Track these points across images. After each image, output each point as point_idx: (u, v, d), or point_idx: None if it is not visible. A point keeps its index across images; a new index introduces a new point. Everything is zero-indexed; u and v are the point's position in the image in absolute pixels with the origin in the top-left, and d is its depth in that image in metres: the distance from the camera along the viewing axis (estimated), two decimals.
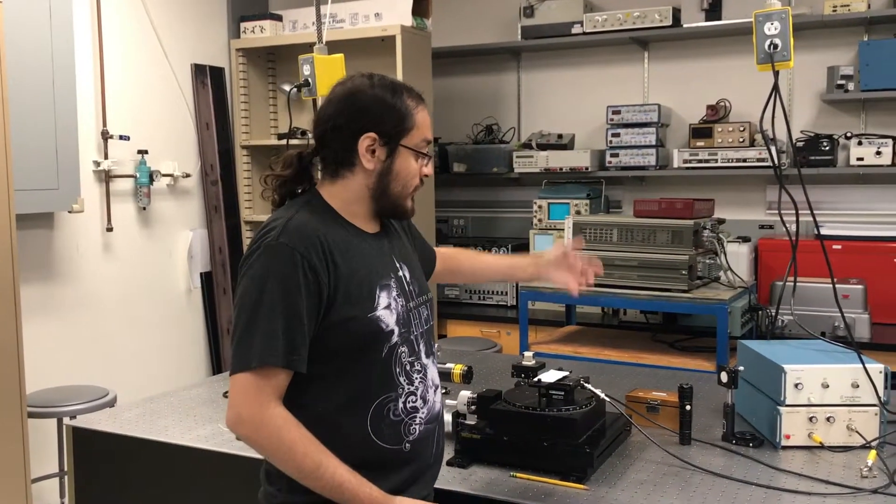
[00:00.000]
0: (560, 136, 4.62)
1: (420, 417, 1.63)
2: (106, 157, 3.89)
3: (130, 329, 4.06)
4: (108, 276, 3.95)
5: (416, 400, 1.63)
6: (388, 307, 1.60)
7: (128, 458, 2.24)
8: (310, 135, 1.91)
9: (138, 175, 4.01)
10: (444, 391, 2.12)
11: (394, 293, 1.62)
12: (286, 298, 1.49)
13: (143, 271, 4.14)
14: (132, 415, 2.38)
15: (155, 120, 4.18)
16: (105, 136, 3.88)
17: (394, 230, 1.79)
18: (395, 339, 1.59)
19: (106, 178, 3.90)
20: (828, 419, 2.03)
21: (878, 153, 3.88)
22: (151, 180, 4.04)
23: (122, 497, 2.25)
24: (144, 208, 4.10)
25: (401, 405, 1.61)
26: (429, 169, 1.70)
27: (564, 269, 2.06)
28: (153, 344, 4.18)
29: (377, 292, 1.59)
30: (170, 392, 2.64)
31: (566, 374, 2.07)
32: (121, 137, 3.92)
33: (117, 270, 3.99)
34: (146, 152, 4.03)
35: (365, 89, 1.63)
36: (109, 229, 3.92)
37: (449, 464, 1.94)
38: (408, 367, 1.62)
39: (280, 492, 1.60)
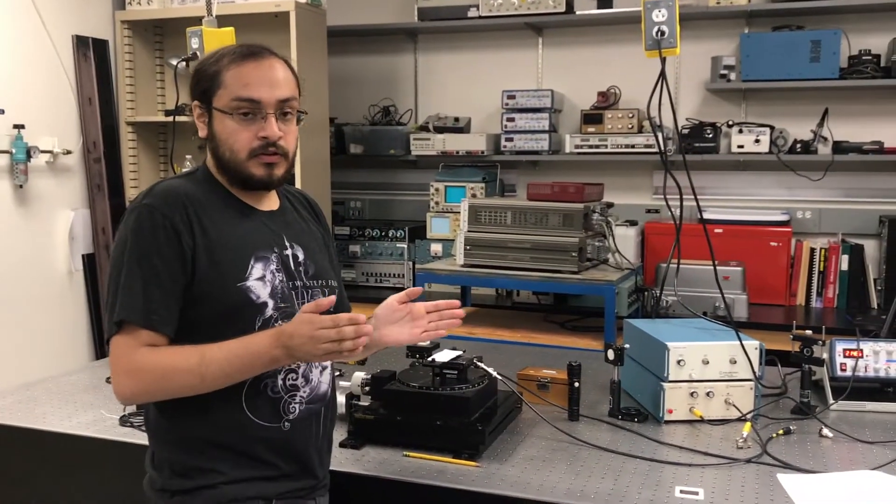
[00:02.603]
0: (457, 120, 4.64)
1: (301, 396, 1.61)
2: None
3: (5, 313, 3.85)
4: None
5: (297, 378, 1.61)
6: (261, 278, 1.57)
7: (3, 448, 2.13)
8: None
9: (14, 151, 3.79)
10: (338, 373, 2.11)
11: (272, 266, 1.59)
12: (145, 259, 1.49)
13: (20, 253, 3.92)
14: (7, 402, 2.26)
15: (33, 93, 3.96)
16: None
17: (298, 217, 1.75)
18: (269, 311, 1.56)
19: None
20: (707, 394, 2.13)
21: (757, 141, 4.07)
22: (29, 157, 3.83)
23: None
24: (21, 186, 3.88)
25: (280, 382, 1.58)
26: (269, 130, 1.56)
27: (398, 322, 1.80)
28: (31, 329, 3.98)
29: (251, 262, 1.57)
30: (49, 378, 2.52)
31: (460, 353, 2.09)
32: None
33: None
34: (23, 127, 3.82)
35: (200, 62, 1.64)
36: None
37: (342, 445, 1.93)
38: None
39: (161, 477, 1.57)
